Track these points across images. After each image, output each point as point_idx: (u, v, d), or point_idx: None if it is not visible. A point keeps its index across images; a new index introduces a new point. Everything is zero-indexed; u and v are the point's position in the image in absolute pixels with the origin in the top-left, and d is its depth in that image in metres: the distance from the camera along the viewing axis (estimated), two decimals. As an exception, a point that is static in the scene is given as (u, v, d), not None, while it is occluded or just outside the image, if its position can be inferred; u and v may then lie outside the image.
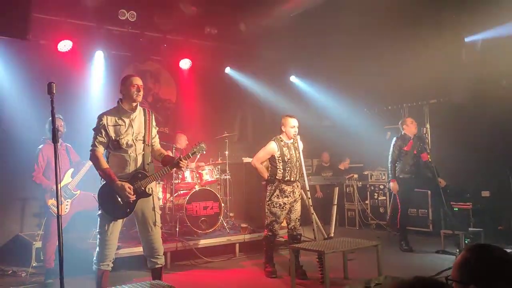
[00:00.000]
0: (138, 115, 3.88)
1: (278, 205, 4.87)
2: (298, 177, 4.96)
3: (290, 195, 4.91)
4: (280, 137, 4.99)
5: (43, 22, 6.31)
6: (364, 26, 7.09)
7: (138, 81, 3.83)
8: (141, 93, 3.83)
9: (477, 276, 1.47)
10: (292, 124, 4.90)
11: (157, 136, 4.09)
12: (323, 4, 6.51)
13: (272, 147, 4.94)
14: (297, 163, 4.92)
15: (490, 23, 6.58)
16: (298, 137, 4.92)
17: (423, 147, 6.23)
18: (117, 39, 7.23)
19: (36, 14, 5.96)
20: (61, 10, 6.47)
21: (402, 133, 6.46)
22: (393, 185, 6.27)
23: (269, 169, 4.99)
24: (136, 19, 6.77)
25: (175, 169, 4.05)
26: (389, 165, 6.35)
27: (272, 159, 4.95)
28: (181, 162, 3.81)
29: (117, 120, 3.78)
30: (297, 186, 5.02)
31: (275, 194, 4.89)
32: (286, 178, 4.88)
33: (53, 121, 2.93)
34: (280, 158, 4.89)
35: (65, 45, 6.66)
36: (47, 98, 2.94)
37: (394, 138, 6.54)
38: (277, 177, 4.89)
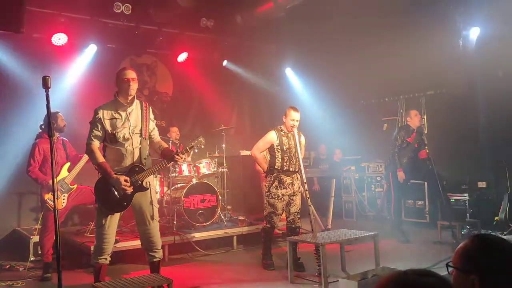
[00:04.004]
0: (135, 109, 3.86)
1: (276, 196, 4.87)
2: (297, 168, 4.94)
3: (289, 187, 4.91)
4: (281, 127, 5.00)
5: (37, 15, 6.25)
6: (360, 18, 7.07)
7: (129, 74, 3.77)
8: (134, 86, 3.76)
9: (479, 266, 1.45)
10: (292, 117, 4.88)
11: (156, 128, 4.08)
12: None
13: (271, 136, 4.95)
14: (296, 154, 4.89)
15: (487, 15, 6.56)
16: (295, 130, 4.90)
17: (423, 142, 6.20)
18: (112, 32, 7.17)
19: (30, 7, 5.90)
20: (55, 3, 6.41)
21: (405, 124, 6.43)
22: (400, 174, 6.16)
23: (269, 159, 5.00)
24: (131, 12, 6.70)
25: (172, 162, 4.04)
26: (394, 154, 6.21)
27: (271, 148, 4.95)
28: (176, 156, 3.81)
29: (114, 114, 3.76)
30: (297, 178, 5.00)
31: (273, 185, 4.89)
32: (285, 168, 4.88)
33: (48, 115, 2.92)
34: (278, 147, 4.90)
35: (59, 39, 6.59)
36: (42, 91, 2.92)
37: (397, 128, 6.50)
38: (275, 166, 4.89)
